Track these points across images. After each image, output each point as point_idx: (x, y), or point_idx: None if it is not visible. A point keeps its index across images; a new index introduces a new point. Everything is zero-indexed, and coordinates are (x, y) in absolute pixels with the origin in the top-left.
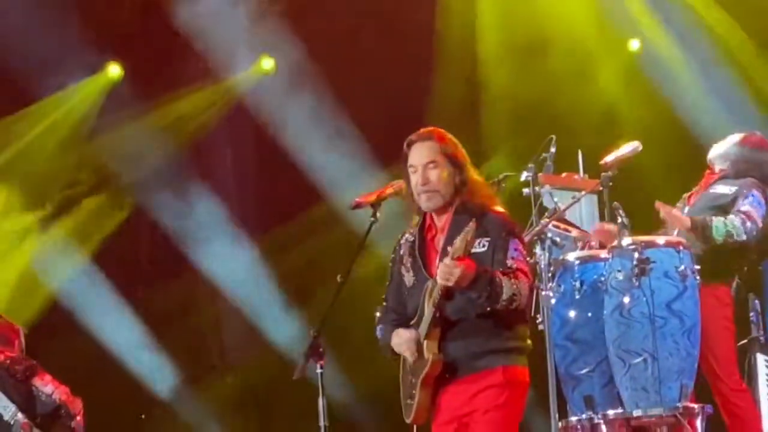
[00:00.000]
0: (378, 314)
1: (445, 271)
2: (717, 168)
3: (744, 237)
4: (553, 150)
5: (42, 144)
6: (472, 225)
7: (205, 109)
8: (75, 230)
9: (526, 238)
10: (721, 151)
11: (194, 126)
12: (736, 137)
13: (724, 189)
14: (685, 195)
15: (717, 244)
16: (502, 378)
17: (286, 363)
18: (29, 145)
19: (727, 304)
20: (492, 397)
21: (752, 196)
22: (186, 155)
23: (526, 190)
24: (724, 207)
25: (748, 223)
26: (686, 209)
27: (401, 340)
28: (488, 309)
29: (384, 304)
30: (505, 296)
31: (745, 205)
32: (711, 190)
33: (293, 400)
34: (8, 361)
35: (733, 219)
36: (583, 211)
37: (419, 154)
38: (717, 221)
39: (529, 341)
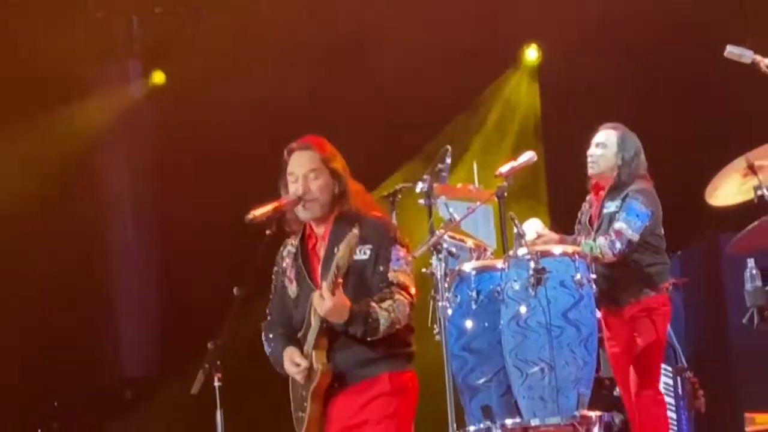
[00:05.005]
0: (264, 329)
1: (317, 303)
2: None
3: (611, 256)
4: (448, 161)
5: None
6: (355, 232)
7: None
8: None
9: (422, 250)
10: (608, 164)
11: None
12: (610, 141)
13: (612, 206)
14: (583, 218)
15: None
16: (390, 386)
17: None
18: None
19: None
20: (382, 407)
21: (629, 209)
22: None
23: (422, 201)
24: None
25: (617, 243)
26: (593, 235)
27: (295, 369)
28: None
29: (269, 317)
30: (383, 327)
31: (619, 222)
32: (605, 210)
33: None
34: None
35: (601, 241)
36: (479, 221)
37: (299, 163)
38: (585, 244)
39: (414, 346)
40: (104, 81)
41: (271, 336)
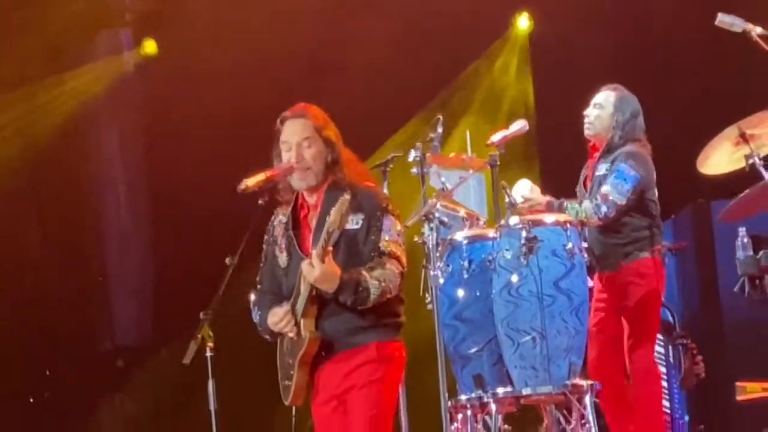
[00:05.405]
0: (253, 298)
1: (307, 270)
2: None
3: (597, 220)
4: (440, 130)
5: None
6: (346, 197)
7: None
8: None
9: (414, 219)
10: (603, 125)
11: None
12: (607, 102)
13: (602, 168)
14: (582, 177)
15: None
16: (377, 354)
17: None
18: None
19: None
20: (368, 373)
21: (617, 172)
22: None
23: (414, 170)
24: None
25: (603, 207)
26: (586, 197)
27: (277, 318)
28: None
29: (258, 287)
30: (373, 296)
31: (606, 186)
32: (596, 173)
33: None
34: None
35: (587, 204)
36: (472, 190)
37: (292, 131)
38: (570, 208)
39: (403, 317)
40: (96, 51)
41: (260, 306)
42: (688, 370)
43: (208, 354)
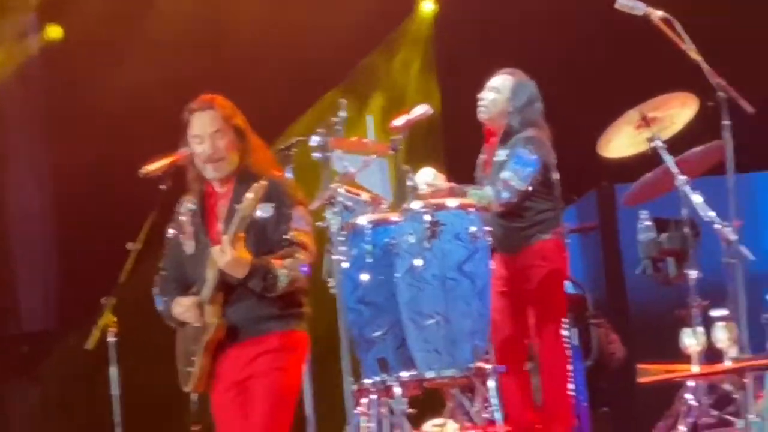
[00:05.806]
0: (157, 284)
1: (217, 255)
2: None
3: (498, 206)
4: (343, 114)
5: None
6: (263, 182)
7: None
8: None
9: (317, 203)
10: (497, 109)
11: None
12: (504, 86)
13: (502, 154)
14: (480, 160)
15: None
16: (279, 343)
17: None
18: None
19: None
20: (269, 361)
21: (516, 157)
22: None
23: (316, 155)
24: None
25: (504, 193)
26: (485, 181)
27: (183, 308)
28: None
29: (163, 273)
30: (281, 284)
31: (506, 172)
32: (496, 158)
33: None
34: None
35: (488, 191)
36: (375, 174)
37: (202, 124)
38: (473, 194)
39: (307, 307)
40: (0, 36)
41: (165, 294)
42: (603, 351)
43: (111, 339)
